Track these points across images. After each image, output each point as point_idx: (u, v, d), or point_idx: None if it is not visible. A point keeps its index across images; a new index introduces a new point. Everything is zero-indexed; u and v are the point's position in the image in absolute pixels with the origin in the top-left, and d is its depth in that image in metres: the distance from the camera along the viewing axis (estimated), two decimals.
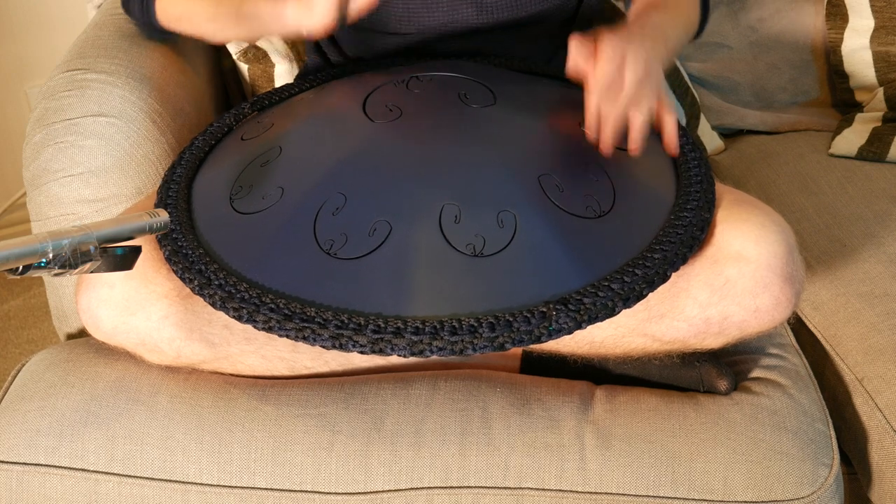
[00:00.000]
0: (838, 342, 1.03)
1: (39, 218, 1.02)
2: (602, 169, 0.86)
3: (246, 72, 1.35)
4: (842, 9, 1.43)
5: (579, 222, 0.81)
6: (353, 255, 0.78)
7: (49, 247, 0.63)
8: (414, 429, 0.85)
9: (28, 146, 1.02)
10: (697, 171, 0.89)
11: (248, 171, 0.89)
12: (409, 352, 0.73)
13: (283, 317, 0.75)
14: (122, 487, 0.85)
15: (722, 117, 1.45)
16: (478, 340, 0.73)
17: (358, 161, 0.86)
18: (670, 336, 0.85)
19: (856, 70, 1.43)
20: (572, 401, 0.87)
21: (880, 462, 0.96)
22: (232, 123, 1.01)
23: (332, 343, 0.74)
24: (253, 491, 0.84)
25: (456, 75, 0.95)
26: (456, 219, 0.79)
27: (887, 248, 1.10)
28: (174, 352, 0.87)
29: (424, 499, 0.83)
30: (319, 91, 1.03)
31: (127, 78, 1.05)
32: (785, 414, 0.87)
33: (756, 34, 1.48)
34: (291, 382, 0.90)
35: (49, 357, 0.94)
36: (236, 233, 0.84)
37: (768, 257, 0.82)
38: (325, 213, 0.81)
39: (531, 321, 0.74)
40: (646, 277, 0.78)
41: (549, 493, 0.83)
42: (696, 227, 0.83)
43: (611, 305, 0.75)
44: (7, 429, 0.87)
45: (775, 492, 0.82)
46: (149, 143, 1.04)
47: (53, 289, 1.06)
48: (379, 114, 0.90)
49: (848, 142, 1.32)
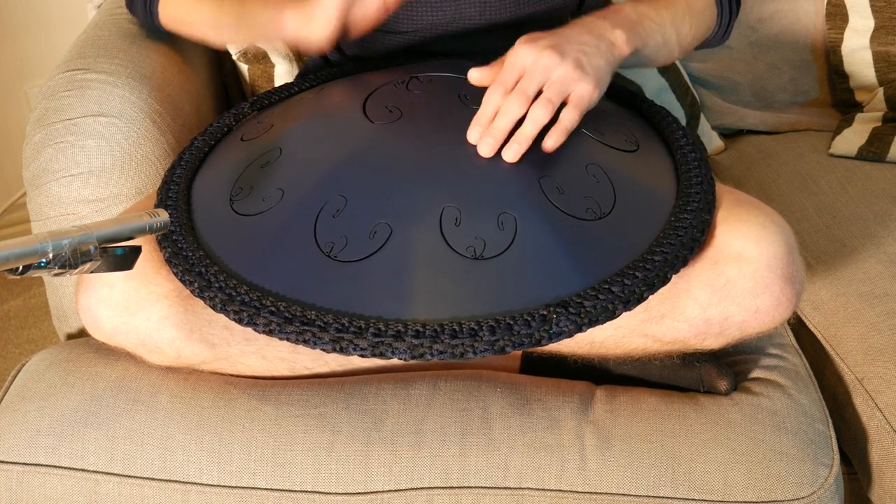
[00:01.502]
0: (838, 342, 1.03)
1: (39, 218, 1.02)
2: (602, 170, 0.86)
3: (246, 72, 1.35)
4: (842, 9, 1.43)
5: (579, 224, 0.81)
6: (354, 257, 0.78)
7: (49, 247, 0.63)
8: (414, 429, 0.85)
9: (28, 146, 1.02)
10: (698, 173, 0.89)
11: (248, 172, 0.89)
12: (409, 355, 0.73)
13: (283, 320, 0.75)
14: (122, 487, 0.85)
15: (722, 117, 1.45)
16: (478, 344, 0.73)
17: (358, 163, 0.85)
18: (671, 336, 0.85)
19: (856, 70, 1.43)
20: (572, 401, 0.87)
21: (880, 462, 0.96)
22: (231, 124, 1.01)
23: (332, 346, 0.74)
24: (253, 491, 0.84)
25: (456, 76, 0.95)
26: (456, 221, 0.79)
27: (887, 248, 1.10)
28: (174, 352, 0.87)
29: (424, 499, 0.83)
30: (319, 91, 1.03)
31: (127, 78, 1.05)
32: (785, 414, 0.87)
33: (756, 34, 1.48)
34: (291, 383, 0.90)
35: (49, 357, 0.94)
36: (236, 235, 0.84)
37: (769, 258, 0.81)
38: (326, 215, 0.81)
39: (531, 324, 0.74)
40: (646, 280, 0.78)
41: (549, 493, 0.83)
42: (696, 229, 0.82)
43: (611, 308, 0.75)
44: (7, 429, 0.87)
45: (775, 492, 0.82)
46: (149, 143, 1.04)
47: (53, 289, 1.06)
48: (379, 115, 0.90)
49: (848, 142, 1.32)
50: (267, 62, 1.34)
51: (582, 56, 0.84)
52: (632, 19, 0.91)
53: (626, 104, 1.02)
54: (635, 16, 0.91)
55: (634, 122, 0.98)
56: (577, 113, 0.83)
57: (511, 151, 0.82)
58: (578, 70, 0.83)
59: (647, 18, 0.92)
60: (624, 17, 0.90)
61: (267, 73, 1.34)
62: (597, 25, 0.88)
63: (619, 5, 0.93)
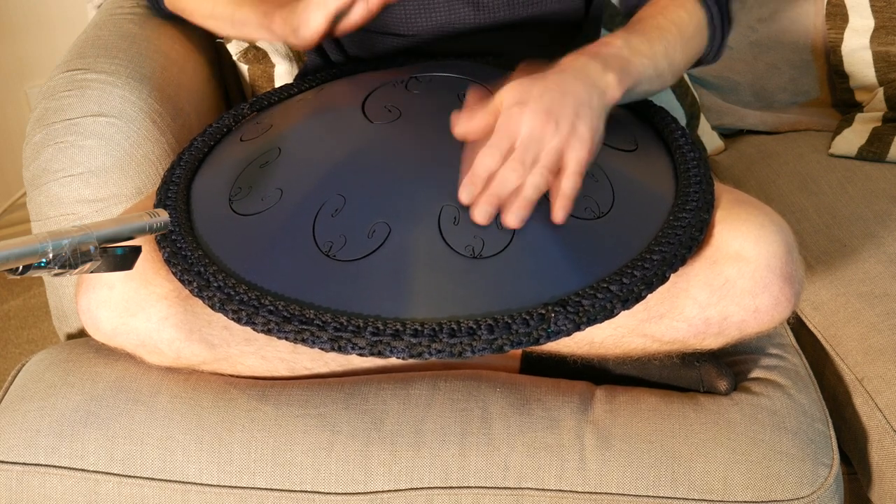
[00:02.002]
0: (838, 342, 1.03)
1: (39, 218, 1.02)
2: (601, 170, 0.86)
3: (246, 72, 1.35)
4: (842, 9, 1.43)
5: (578, 223, 0.81)
6: (352, 256, 0.78)
7: (49, 247, 0.63)
8: (414, 429, 0.85)
9: (28, 146, 1.02)
10: (696, 172, 0.89)
11: (247, 172, 0.89)
12: (407, 354, 0.73)
13: (282, 319, 0.75)
14: (121, 487, 0.85)
15: (722, 117, 1.45)
16: (476, 342, 0.73)
17: (357, 162, 0.85)
18: (670, 336, 0.85)
19: (856, 70, 1.43)
20: (572, 401, 0.87)
21: (880, 462, 0.96)
22: (231, 124, 1.01)
23: (331, 345, 0.74)
24: (253, 491, 0.84)
25: (455, 76, 0.95)
26: (455, 220, 0.79)
27: (887, 248, 1.10)
28: (174, 353, 0.87)
29: (424, 499, 0.83)
30: (318, 92, 1.03)
31: (127, 78, 1.05)
32: (785, 414, 0.87)
33: (756, 34, 1.48)
34: (291, 383, 0.90)
35: (49, 357, 0.94)
36: (235, 234, 0.84)
37: (767, 257, 0.81)
38: (324, 214, 0.81)
39: (530, 323, 0.74)
40: (644, 279, 0.78)
41: (549, 493, 0.83)
42: (695, 228, 0.82)
43: (609, 307, 0.75)
44: (7, 429, 0.87)
45: (775, 492, 0.82)
46: (149, 143, 1.04)
47: (53, 289, 1.06)
48: (378, 115, 0.90)
49: (848, 142, 1.32)
50: (267, 62, 1.34)
51: (576, 119, 0.80)
52: (623, 56, 0.87)
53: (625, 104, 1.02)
54: (627, 52, 0.88)
55: (634, 122, 0.98)
56: (577, 179, 0.80)
57: (515, 217, 0.78)
58: (573, 137, 0.79)
59: (639, 54, 0.89)
60: (616, 56, 0.87)
61: (267, 73, 1.34)
62: (588, 70, 0.84)
63: (610, 38, 0.90)
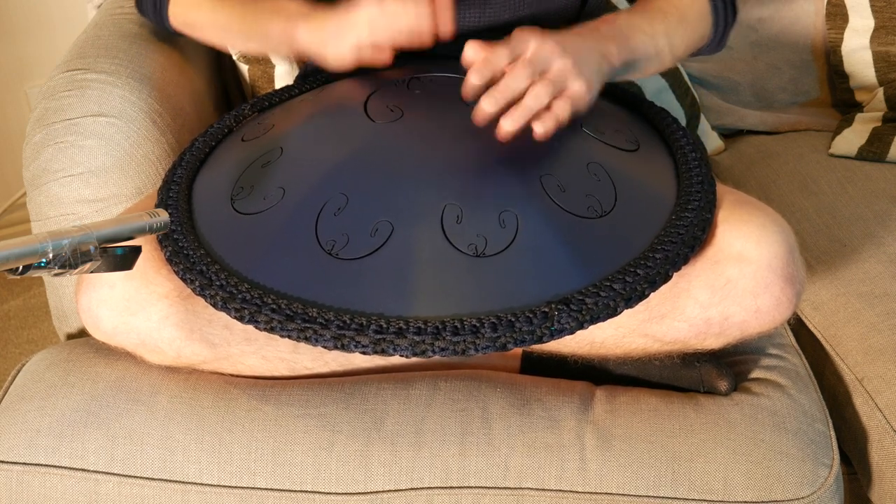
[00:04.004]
0: (838, 342, 1.03)
1: (39, 218, 1.02)
2: (603, 169, 0.86)
3: (246, 72, 1.35)
4: (842, 9, 1.44)
5: (581, 222, 0.81)
6: (355, 255, 0.78)
7: (49, 247, 0.63)
8: (414, 429, 0.85)
9: (28, 146, 1.02)
10: (698, 172, 0.89)
11: (248, 171, 0.89)
12: (411, 352, 0.73)
13: (284, 317, 0.75)
14: (122, 487, 0.85)
15: (722, 117, 1.45)
16: (480, 341, 0.73)
17: (359, 161, 0.86)
18: (671, 336, 0.85)
19: (856, 70, 1.43)
20: (572, 401, 0.87)
21: (880, 462, 0.96)
22: (232, 125, 1.01)
23: (334, 343, 0.74)
24: (253, 491, 0.84)
25: (457, 75, 0.95)
26: (458, 219, 0.79)
27: (887, 248, 1.10)
28: (174, 352, 0.87)
29: (424, 499, 0.83)
30: (320, 92, 1.03)
31: (127, 78, 1.05)
32: (785, 414, 0.87)
33: (756, 34, 1.48)
34: (292, 382, 0.90)
35: (49, 357, 0.94)
36: (238, 233, 0.84)
37: (769, 258, 0.82)
38: (327, 213, 0.81)
39: (533, 321, 0.74)
40: (647, 277, 0.78)
41: (549, 493, 0.83)
42: (697, 228, 0.83)
43: (613, 305, 0.75)
44: (7, 429, 0.87)
45: (775, 492, 0.82)
46: (149, 143, 1.04)
47: (53, 289, 1.06)
48: (380, 114, 0.90)
49: (848, 142, 1.32)
50: (267, 63, 1.34)
51: (580, 61, 0.84)
52: (623, 32, 0.91)
53: (626, 105, 1.02)
54: (627, 28, 0.92)
55: (635, 123, 0.98)
56: (570, 107, 0.83)
57: (512, 123, 0.81)
58: (577, 68, 0.83)
59: (639, 31, 0.93)
60: (616, 30, 0.91)
61: (267, 73, 1.34)
62: (591, 35, 0.89)
63: (612, 16, 0.94)
